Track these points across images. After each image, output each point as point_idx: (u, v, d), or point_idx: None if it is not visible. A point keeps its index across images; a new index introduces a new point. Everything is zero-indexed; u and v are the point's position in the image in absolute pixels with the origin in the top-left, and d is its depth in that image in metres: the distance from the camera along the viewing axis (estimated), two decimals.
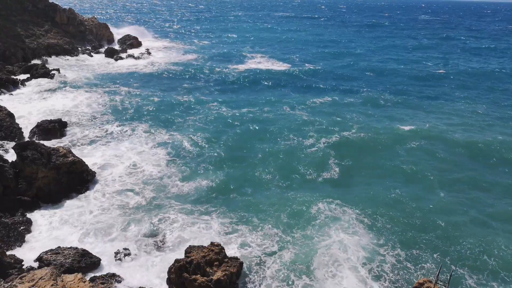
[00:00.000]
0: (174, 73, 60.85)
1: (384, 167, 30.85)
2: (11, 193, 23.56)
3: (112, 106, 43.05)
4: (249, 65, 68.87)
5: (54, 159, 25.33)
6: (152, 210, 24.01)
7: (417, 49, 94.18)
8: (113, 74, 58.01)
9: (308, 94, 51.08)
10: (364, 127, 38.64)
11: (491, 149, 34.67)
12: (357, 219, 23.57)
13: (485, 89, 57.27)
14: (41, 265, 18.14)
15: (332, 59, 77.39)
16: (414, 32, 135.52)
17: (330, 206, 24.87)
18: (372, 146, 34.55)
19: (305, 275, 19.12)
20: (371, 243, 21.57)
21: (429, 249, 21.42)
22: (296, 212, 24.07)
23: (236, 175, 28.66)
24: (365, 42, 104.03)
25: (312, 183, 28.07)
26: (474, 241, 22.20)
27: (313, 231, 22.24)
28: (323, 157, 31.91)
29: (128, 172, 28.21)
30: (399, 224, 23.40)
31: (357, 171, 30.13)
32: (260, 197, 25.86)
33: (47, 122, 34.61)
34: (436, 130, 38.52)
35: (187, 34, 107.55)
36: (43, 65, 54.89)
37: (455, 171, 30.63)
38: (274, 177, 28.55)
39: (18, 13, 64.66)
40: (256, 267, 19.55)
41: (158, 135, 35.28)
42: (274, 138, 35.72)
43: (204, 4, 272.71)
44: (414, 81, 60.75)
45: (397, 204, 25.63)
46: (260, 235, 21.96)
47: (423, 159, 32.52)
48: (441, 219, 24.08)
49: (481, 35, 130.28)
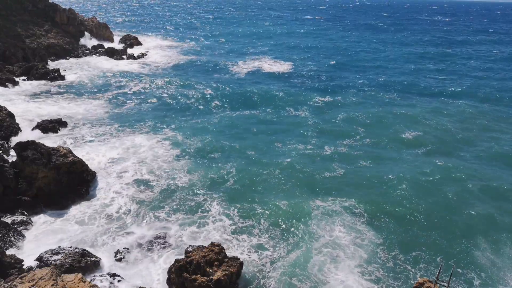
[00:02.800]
0: (174, 73, 60.85)
1: (384, 167, 30.84)
2: (11, 193, 23.55)
3: (112, 106, 43.05)
4: (252, 64, 68.82)
5: (54, 159, 25.31)
6: (152, 210, 24.00)
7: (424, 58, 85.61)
8: (113, 74, 57.99)
9: (315, 93, 51.10)
10: (367, 127, 38.60)
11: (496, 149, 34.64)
12: (358, 219, 23.59)
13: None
14: (41, 265, 18.13)
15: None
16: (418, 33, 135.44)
17: (330, 206, 24.89)
18: (374, 146, 34.54)
19: (305, 274, 19.11)
20: (372, 243, 21.57)
21: (429, 249, 21.42)
22: (296, 212, 24.07)
23: (237, 175, 28.62)
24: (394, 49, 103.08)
25: (313, 183, 28.02)
26: (475, 241, 22.22)
27: (313, 231, 22.24)
28: (324, 157, 31.91)
29: (128, 171, 28.19)
30: (399, 224, 23.39)
31: (359, 172, 30.08)
32: (261, 197, 25.84)
33: (47, 122, 34.64)
34: (439, 133, 38.32)
35: (188, 34, 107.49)
36: (43, 65, 54.87)
37: (455, 172, 30.61)
38: (276, 177, 28.53)
39: (18, 13, 64.64)
40: (256, 267, 19.55)
41: (158, 135, 35.26)
42: (275, 138, 35.70)
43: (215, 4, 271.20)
44: (421, 81, 60.74)
45: (397, 204, 25.62)
46: (260, 235, 21.96)
47: (424, 159, 32.53)
48: (441, 219, 24.10)
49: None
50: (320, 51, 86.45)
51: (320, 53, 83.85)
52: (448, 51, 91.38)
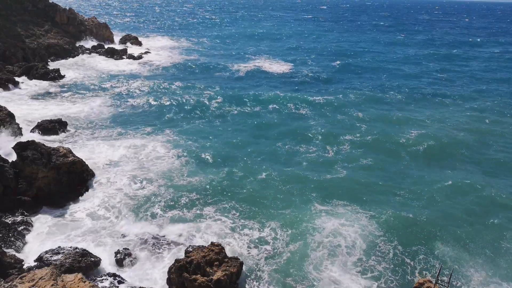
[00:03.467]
0: (175, 73, 60.85)
1: (385, 168, 30.84)
2: (11, 193, 23.55)
3: (112, 106, 43.05)
4: (252, 64, 68.80)
5: (54, 159, 25.31)
6: (152, 210, 23.99)
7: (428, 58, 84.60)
8: (113, 74, 57.99)
9: (314, 93, 51.11)
10: (368, 127, 38.59)
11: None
12: (358, 218, 23.57)
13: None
14: (41, 265, 18.11)
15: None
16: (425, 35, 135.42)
17: (331, 205, 24.92)
18: (375, 146, 34.49)
19: (305, 274, 19.10)
20: (372, 243, 21.56)
21: (430, 249, 21.41)
22: (296, 212, 24.07)
23: (237, 174, 28.60)
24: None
25: (314, 184, 27.95)
26: (475, 240, 22.22)
27: (313, 231, 22.22)
28: (326, 159, 31.90)
29: (127, 172, 28.16)
30: (399, 224, 23.36)
31: (359, 171, 30.08)
32: (261, 197, 25.84)
33: (47, 122, 34.64)
34: (441, 134, 38.15)
35: (188, 34, 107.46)
36: (43, 65, 54.87)
37: (456, 172, 30.62)
38: (276, 176, 28.49)
39: (18, 13, 64.64)
40: (256, 267, 19.54)
41: (158, 135, 35.26)
42: (275, 138, 35.71)
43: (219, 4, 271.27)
44: (421, 82, 60.68)
45: (397, 204, 25.64)
46: (260, 235, 21.95)
47: (424, 160, 32.52)
48: (441, 218, 24.11)
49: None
50: (320, 51, 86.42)
51: (320, 53, 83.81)
52: (453, 52, 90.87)
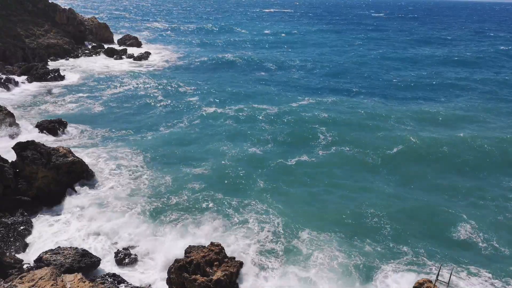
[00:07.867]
0: (175, 73, 60.86)
1: (386, 167, 30.84)
2: (11, 193, 23.55)
3: (112, 106, 43.06)
4: (253, 65, 68.82)
5: (54, 159, 25.30)
6: (152, 210, 23.97)
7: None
8: (112, 74, 58.00)
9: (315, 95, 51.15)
10: (371, 129, 38.61)
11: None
12: (358, 218, 23.57)
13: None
14: (41, 265, 18.10)
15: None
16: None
17: (331, 205, 24.89)
18: (375, 146, 34.47)
19: (304, 274, 19.09)
20: (372, 243, 21.55)
21: (429, 249, 21.40)
22: (296, 212, 24.06)
23: (237, 175, 28.62)
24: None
25: (315, 182, 27.96)
26: (475, 240, 22.22)
27: (313, 231, 22.21)
28: (327, 160, 31.88)
29: (127, 172, 28.17)
30: (399, 224, 23.37)
31: (360, 171, 30.08)
32: (261, 197, 25.81)
33: (47, 122, 34.65)
34: (441, 138, 38.06)
35: (188, 35, 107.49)
36: (43, 65, 54.90)
37: (456, 173, 30.61)
38: (277, 176, 28.47)
39: (18, 13, 64.66)
40: (256, 267, 19.53)
41: (158, 135, 35.28)
42: (277, 137, 35.68)
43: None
44: (423, 89, 60.63)
45: (397, 204, 25.63)
46: (260, 235, 21.93)
47: (424, 160, 32.51)
48: (441, 218, 24.11)
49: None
50: (321, 51, 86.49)
51: (321, 54, 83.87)
52: (454, 52, 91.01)
